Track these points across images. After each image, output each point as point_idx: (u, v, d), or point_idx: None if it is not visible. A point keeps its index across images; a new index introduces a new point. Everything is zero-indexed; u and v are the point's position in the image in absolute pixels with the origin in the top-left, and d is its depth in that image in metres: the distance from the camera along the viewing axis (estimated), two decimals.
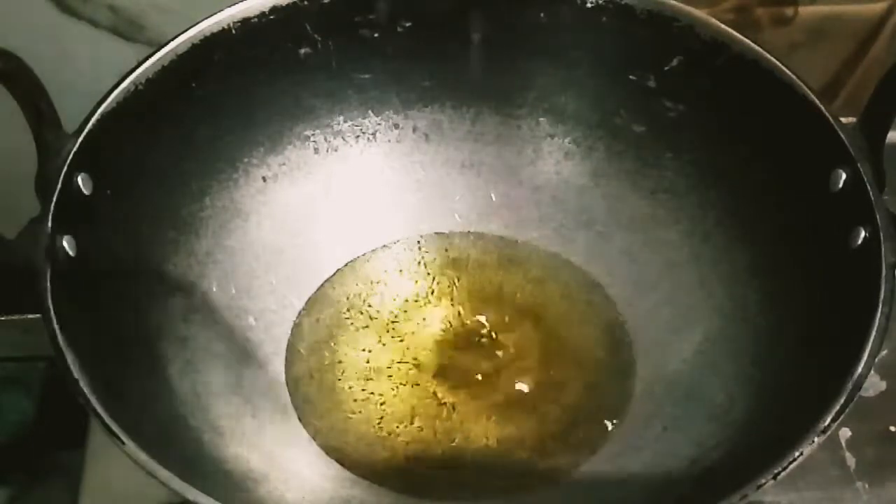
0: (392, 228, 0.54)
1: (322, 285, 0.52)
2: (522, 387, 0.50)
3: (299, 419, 0.48)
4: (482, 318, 0.52)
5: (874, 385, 0.53)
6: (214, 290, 0.49)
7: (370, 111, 0.53)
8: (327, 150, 0.53)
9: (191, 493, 0.35)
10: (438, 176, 0.55)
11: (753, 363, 0.46)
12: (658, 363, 0.49)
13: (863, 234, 0.42)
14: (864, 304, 0.40)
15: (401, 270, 0.53)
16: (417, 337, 0.51)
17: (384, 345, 0.51)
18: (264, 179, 0.52)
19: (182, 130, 0.48)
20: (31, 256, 0.40)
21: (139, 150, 0.46)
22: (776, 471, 0.36)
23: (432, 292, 0.53)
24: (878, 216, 0.41)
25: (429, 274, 0.53)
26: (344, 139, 0.53)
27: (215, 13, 0.47)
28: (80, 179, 0.43)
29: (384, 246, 0.54)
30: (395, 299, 0.52)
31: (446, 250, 0.54)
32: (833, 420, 0.37)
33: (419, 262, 0.54)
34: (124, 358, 0.43)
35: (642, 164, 0.52)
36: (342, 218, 0.53)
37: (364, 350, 0.51)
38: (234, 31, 0.48)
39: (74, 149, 0.42)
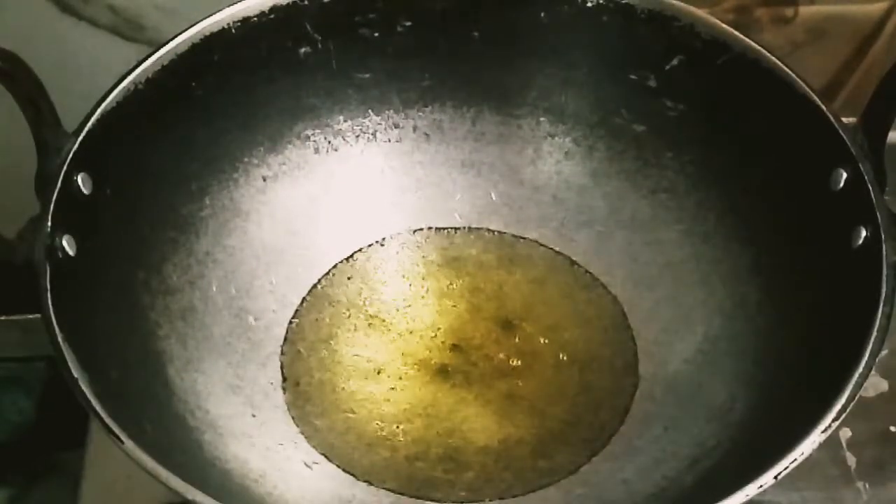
0: (392, 228, 0.54)
1: (322, 284, 0.52)
2: (523, 387, 0.49)
3: (299, 419, 0.48)
4: (482, 318, 0.52)
5: (874, 385, 0.53)
6: (214, 290, 0.49)
7: (370, 111, 0.53)
8: (327, 150, 0.53)
9: (191, 492, 0.35)
10: (439, 175, 0.55)
11: (754, 363, 0.46)
12: (659, 363, 0.49)
13: (864, 233, 0.42)
14: (864, 304, 0.40)
15: (401, 270, 0.53)
16: (417, 336, 0.51)
17: (384, 344, 0.51)
18: (264, 179, 0.52)
19: (182, 130, 0.48)
20: (30, 256, 0.40)
21: (139, 150, 0.46)
22: (777, 471, 0.36)
23: (432, 292, 0.53)
24: (879, 216, 0.41)
25: (429, 273, 0.53)
26: (344, 139, 0.53)
27: (215, 13, 0.47)
28: (79, 179, 0.43)
29: (384, 245, 0.54)
30: (395, 299, 0.52)
31: (446, 249, 0.54)
32: (833, 420, 0.37)
33: (419, 262, 0.54)
34: (124, 357, 0.43)
35: (643, 163, 0.52)
36: (342, 217, 0.53)
37: (364, 349, 0.51)
38: (234, 31, 0.48)
39: (74, 148, 0.42)
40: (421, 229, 0.54)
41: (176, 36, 0.47)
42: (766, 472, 0.36)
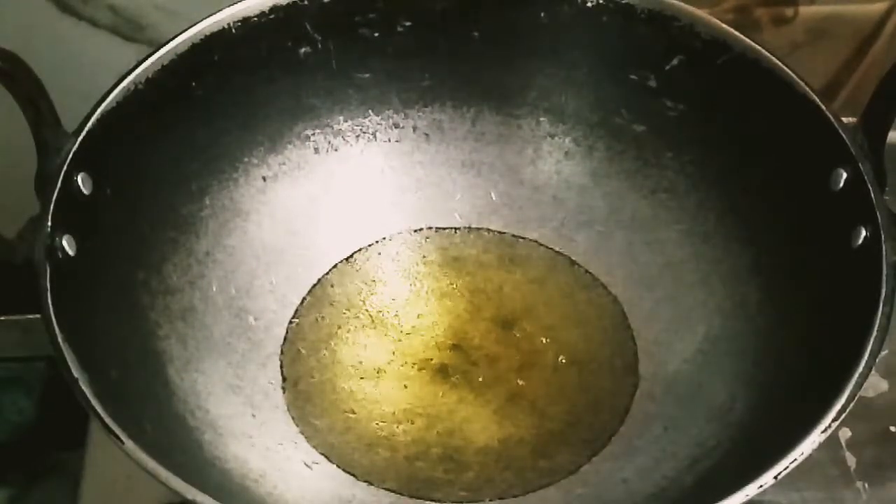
0: (392, 227, 0.54)
1: (322, 284, 0.52)
2: (523, 387, 0.49)
3: (299, 419, 0.48)
4: (482, 318, 0.52)
5: (874, 385, 0.53)
6: (214, 289, 0.49)
7: (370, 111, 0.53)
8: (327, 150, 0.53)
9: (191, 492, 0.35)
10: (439, 175, 0.55)
11: (754, 363, 0.46)
12: (659, 363, 0.49)
13: (863, 233, 0.42)
14: (864, 304, 0.40)
15: (401, 270, 0.53)
16: (417, 336, 0.51)
17: (384, 344, 0.51)
18: (264, 179, 0.52)
19: (182, 130, 0.48)
20: (30, 256, 0.40)
21: (139, 150, 0.46)
22: (777, 471, 0.36)
23: (432, 292, 0.53)
24: (878, 215, 0.41)
25: (429, 273, 0.53)
26: (344, 139, 0.53)
27: (215, 13, 0.47)
28: (79, 179, 0.43)
29: (384, 245, 0.54)
30: (395, 299, 0.52)
31: (446, 249, 0.54)
32: (833, 420, 0.37)
33: (419, 262, 0.54)
34: (124, 357, 0.43)
35: (643, 163, 0.52)
36: (342, 217, 0.53)
37: (364, 349, 0.51)
38: (234, 31, 0.48)
39: (74, 148, 0.42)
40: (421, 229, 0.54)
41: (176, 36, 0.47)
42: (766, 472, 0.36)
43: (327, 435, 0.48)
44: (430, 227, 0.54)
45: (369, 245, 0.54)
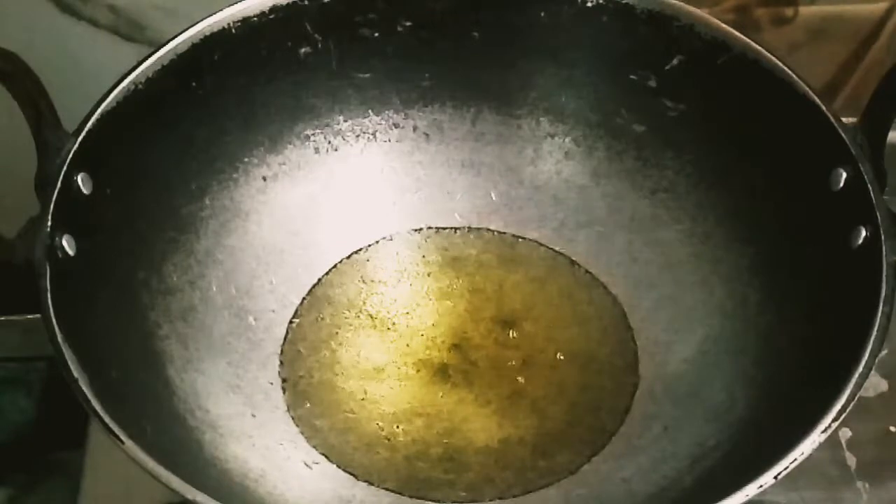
0: (392, 228, 0.54)
1: (322, 285, 0.52)
2: (523, 386, 0.49)
3: (299, 419, 0.48)
4: (482, 318, 0.52)
5: (874, 385, 0.53)
6: (214, 289, 0.49)
7: (370, 111, 0.53)
8: (327, 150, 0.53)
9: (191, 492, 0.35)
10: (439, 175, 0.55)
11: (754, 363, 0.46)
12: (659, 363, 0.49)
13: (863, 233, 0.42)
14: (864, 304, 0.40)
15: (401, 270, 0.53)
16: (417, 336, 0.51)
17: (384, 344, 0.51)
18: (264, 179, 0.52)
19: (182, 130, 0.48)
20: (30, 256, 0.40)
21: (139, 150, 0.46)
22: (777, 471, 0.36)
23: (433, 292, 0.53)
24: (878, 215, 0.41)
25: (429, 273, 0.53)
26: (344, 139, 0.53)
27: (215, 13, 0.47)
28: (79, 179, 0.43)
29: (384, 245, 0.54)
30: (395, 299, 0.52)
31: (447, 249, 0.54)
32: (833, 420, 0.37)
33: (419, 262, 0.54)
34: (124, 357, 0.43)
35: (643, 163, 0.52)
36: (342, 217, 0.53)
37: (364, 349, 0.51)
38: (234, 31, 0.48)
39: (74, 148, 0.42)
40: (421, 229, 0.54)
41: (176, 36, 0.47)
42: (766, 472, 0.36)
43: (327, 435, 0.48)
44: (430, 227, 0.54)
45: (369, 245, 0.54)
